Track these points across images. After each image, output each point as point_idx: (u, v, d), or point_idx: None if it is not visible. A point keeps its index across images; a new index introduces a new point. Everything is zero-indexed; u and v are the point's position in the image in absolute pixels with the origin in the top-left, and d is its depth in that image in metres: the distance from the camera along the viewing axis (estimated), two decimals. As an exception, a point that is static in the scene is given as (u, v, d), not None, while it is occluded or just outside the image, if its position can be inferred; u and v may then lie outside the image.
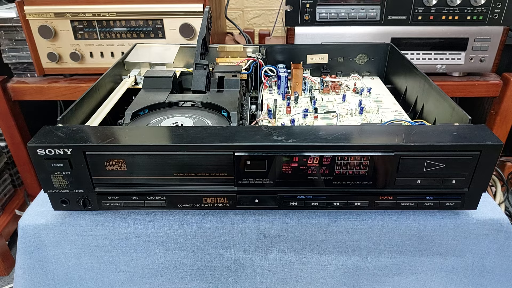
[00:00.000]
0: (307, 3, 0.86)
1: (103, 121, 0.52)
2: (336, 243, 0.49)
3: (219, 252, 0.49)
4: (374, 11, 0.87)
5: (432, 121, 0.54)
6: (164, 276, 0.51)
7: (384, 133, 0.43)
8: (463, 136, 0.41)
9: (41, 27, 0.86)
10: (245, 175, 0.43)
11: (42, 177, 0.43)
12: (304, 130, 0.43)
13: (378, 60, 0.73)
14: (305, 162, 0.42)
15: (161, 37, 0.88)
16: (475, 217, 0.47)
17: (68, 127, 0.43)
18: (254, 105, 0.63)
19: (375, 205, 0.45)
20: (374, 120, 0.57)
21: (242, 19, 1.44)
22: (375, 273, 0.51)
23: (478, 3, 0.84)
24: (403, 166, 0.42)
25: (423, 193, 0.44)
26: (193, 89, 0.60)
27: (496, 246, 0.49)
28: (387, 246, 0.49)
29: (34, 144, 0.40)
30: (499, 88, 0.93)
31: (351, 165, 0.42)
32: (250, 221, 0.48)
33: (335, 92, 0.67)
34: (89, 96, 0.53)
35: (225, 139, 0.41)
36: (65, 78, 0.96)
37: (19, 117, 1.00)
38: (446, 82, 0.93)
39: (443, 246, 0.49)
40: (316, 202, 0.45)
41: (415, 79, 0.60)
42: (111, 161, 0.41)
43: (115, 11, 0.85)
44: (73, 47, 0.90)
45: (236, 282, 0.52)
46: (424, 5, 0.86)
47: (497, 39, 0.89)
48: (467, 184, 0.43)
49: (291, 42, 0.90)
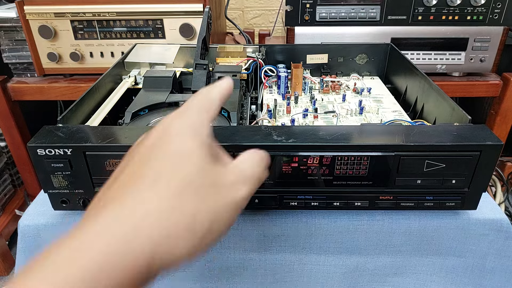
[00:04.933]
0: (307, 3, 0.86)
1: (103, 121, 0.52)
2: (336, 243, 0.49)
3: (219, 252, 0.49)
4: (374, 11, 0.87)
5: (432, 121, 0.54)
6: (164, 276, 0.51)
7: (384, 133, 0.43)
8: (463, 136, 0.41)
9: (41, 27, 0.86)
10: (245, 175, 0.43)
11: (42, 177, 0.42)
12: (304, 130, 0.43)
13: (378, 60, 0.73)
14: (305, 162, 0.42)
15: (161, 37, 0.88)
16: (475, 217, 0.47)
17: (68, 127, 0.43)
18: (254, 105, 0.63)
19: (375, 205, 0.45)
20: (374, 120, 0.57)
21: (242, 19, 1.44)
22: (375, 273, 0.51)
23: (478, 3, 0.84)
24: (403, 166, 0.42)
25: (423, 193, 0.44)
26: (193, 89, 0.60)
27: (496, 246, 0.49)
28: (387, 246, 0.49)
29: (34, 144, 0.40)
30: (499, 88, 0.93)
31: (351, 165, 0.42)
32: (250, 221, 0.48)
33: (335, 92, 0.67)
34: (89, 96, 0.53)
35: (225, 139, 0.41)
36: (65, 78, 0.96)
37: (19, 117, 1.00)
38: (446, 82, 0.93)
39: (443, 246, 0.49)
40: (316, 202, 0.45)
41: (415, 79, 0.60)
42: (111, 161, 0.41)
43: (115, 11, 0.85)
44: (73, 47, 0.90)
45: (236, 282, 0.52)
46: (424, 5, 0.86)
47: (497, 39, 0.89)
48: (467, 184, 0.43)
49: (291, 42, 0.90)
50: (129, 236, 0.20)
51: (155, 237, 0.21)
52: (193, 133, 0.25)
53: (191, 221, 0.22)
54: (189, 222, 0.22)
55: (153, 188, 0.22)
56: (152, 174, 0.23)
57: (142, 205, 0.21)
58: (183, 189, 0.22)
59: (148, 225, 0.21)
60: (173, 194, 0.22)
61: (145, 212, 0.21)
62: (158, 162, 0.23)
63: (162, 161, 0.23)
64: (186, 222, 0.22)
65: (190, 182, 0.23)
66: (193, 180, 0.23)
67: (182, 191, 0.22)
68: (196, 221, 0.22)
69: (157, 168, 0.23)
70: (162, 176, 0.23)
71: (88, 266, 0.19)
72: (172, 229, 0.21)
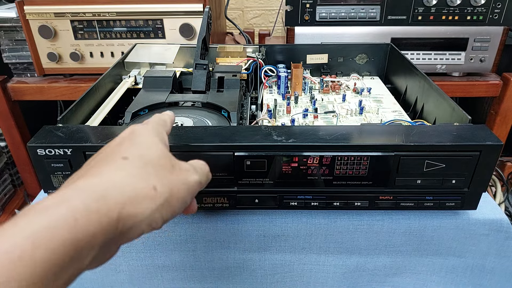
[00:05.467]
0: (307, 3, 0.86)
1: (103, 121, 0.52)
2: (336, 243, 0.49)
3: (219, 252, 0.49)
4: (374, 11, 0.87)
5: (432, 121, 0.54)
6: (164, 276, 0.51)
7: (384, 133, 0.43)
8: (463, 136, 0.41)
9: (41, 27, 0.86)
10: (245, 175, 0.43)
11: (42, 177, 0.42)
12: (304, 130, 0.43)
13: (378, 60, 0.73)
14: (305, 162, 0.42)
15: (161, 37, 0.88)
16: (475, 217, 0.47)
17: (68, 127, 0.43)
18: (254, 105, 0.63)
19: (375, 205, 0.45)
20: (374, 120, 0.57)
21: (242, 19, 1.44)
22: (375, 273, 0.51)
23: (478, 3, 0.84)
24: (403, 166, 0.42)
25: (423, 193, 0.44)
26: (193, 89, 0.60)
27: (496, 246, 0.49)
28: (387, 246, 0.49)
29: (34, 144, 0.40)
30: (499, 88, 0.93)
31: (351, 165, 0.42)
32: (250, 221, 0.48)
33: (335, 92, 0.67)
34: (89, 96, 0.53)
35: (225, 139, 0.41)
36: (65, 78, 0.96)
37: (19, 117, 1.00)
38: (446, 82, 0.93)
39: (443, 246, 0.49)
40: (316, 202, 0.45)
41: (415, 79, 0.60)
42: (111, 161, 0.41)
43: (115, 11, 0.85)
44: (73, 47, 0.90)
45: (236, 282, 0.52)
46: (424, 5, 0.86)
47: (497, 39, 0.89)
48: (467, 184, 0.43)
49: (291, 42, 0.90)
50: (104, 192, 0.25)
51: (125, 197, 0.25)
52: (155, 132, 0.32)
53: (151, 190, 0.27)
54: (150, 190, 0.27)
55: (122, 165, 0.28)
56: (121, 156, 0.28)
57: (114, 174, 0.27)
58: (146, 167, 0.28)
59: (120, 187, 0.26)
60: (138, 170, 0.28)
61: (117, 178, 0.26)
62: (126, 148, 0.29)
63: (130, 147, 0.29)
64: (148, 189, 0.27)
65: (152, 163, 0.29)
66: (155, 162, 0.29)
67: (145, 168, 0.28)
68: (156, 191, 0.27)
69: (125, 152, 0.29)
70: (129, 157, 0.28)
71: (74, 208, 0.23)
72: (138, 193, 0.26)
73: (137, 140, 0.30)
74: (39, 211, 0.22)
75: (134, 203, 0.26)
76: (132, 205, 0.26)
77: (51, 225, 0.21)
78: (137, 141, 0.30)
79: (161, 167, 0.29)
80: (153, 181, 0.27)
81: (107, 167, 0.27)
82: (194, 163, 0.33)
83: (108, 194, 0.25)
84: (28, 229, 0.21)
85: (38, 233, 0.21)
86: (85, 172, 0.28)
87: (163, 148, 0.31)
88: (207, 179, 0.34)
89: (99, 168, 0.27)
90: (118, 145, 0.30)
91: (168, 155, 0.31)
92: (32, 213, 0.22)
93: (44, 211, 0.22)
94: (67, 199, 0.23)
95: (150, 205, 0.27)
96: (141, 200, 0.26)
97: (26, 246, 0.20)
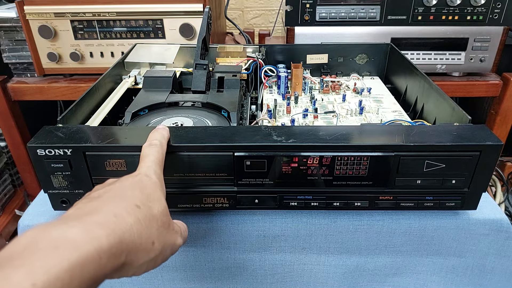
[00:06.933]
0: (307, 3, 0.86)
1: (103, 121, 0.52)
2: (336, 243, 0.49)
3: (219, 252, 0.49)
4: (374, 11, 0.87)
5: (432, 121, 0.54)
6: (164, 276, 0.51)
7: (384, 133, 0.43)
8: (463, 136, 0.41)
9: (41, 27, 0.86)
10: (245, 175, 0.43)
11: (42, 177, 0.43)
12: (304, 130, 0.43)
13: (378, 60, 0.73)
14: (305, 162, 0.42)
15: (161, 37, 0.88)
16: (475, 217, 0.47)
17: (68, 127, 0.43)
18: (254, 105, 0.63)
19: (375, 205, 0.45)
20: (374, 120, 0.57)
21: (242, 19, 1.44)
22: (375, 273, 0.51)
23: (478, 3, 0.84)
24: (403, 166, 0.42)
25: (423, 193, 0.44)
26: (193, 89, 0.60)
27: (496, 246, 0.49)
28: (387, 246, 0.49)
29: (34, 144, 0.40)
30: (499, 88, 0.93)
31: (351, 165, 0.42)
32: (250, 221, 0.48)
33: (335, 92, 0.67)
34: (89, 96, 0.53)
35: (225, 139, 0.41)
36: (65, 78, 0.96)
37: (19, 117, 1.00)
38: (446, 82, 0.93)
39: (443, 246, 0.49)
40: (316, 202, 0.45)
41: (415, 79, 0.60)
42: (111, 161, 0.41)
43: (115, 11, 0.85)
44: (73, 47, 0.90)
45: (236, 282, 0.52)
46: (424, 5, 0.86)
47: (497, 39, 0.89)
48: (467, 184, 0.43)
49: (291, 42, 0.90)
50: (122, 237, 0.27)
51: (132, 244, 0.28)
52: (160, 185, 0.35)
53: (150, 244, 0.30)
54: (149, 244, 0.30)
55: (135, 212, 0.30)
56: (134, 203, 0.30)
57: (128, 217, 0.29)
58: (151, 221, 0.31)
59: (131, 234, 0.28)
60: (146, 222, 0.30)
61: (130, 221, 0.28)
62: (137, 196, 0.31)
63: (141, 196, 0.32)
64: (148, 243, 0.30)
65: (156, 218, 0.31)
66: (158, 218, 0.32)
67: (151, 222, 0.31)
68: (153, 246, 0.30)
69: (137, 201, 0.31)
70: (141, 207, 0.31)
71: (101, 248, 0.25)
72: (142, 242, 0.29)
73: (146, 191, 0.33)
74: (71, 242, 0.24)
75: (136, 251, 0.28)
76: (133, 253, 0.28)
77: (81, 262, 0.23)
78: (146, 192, 0.32)
79: (162, 224, 0.32)
80: (154, 236, 0.30)
81: (122, 209, 0.29)
82: (181, 226, 0.37)
83: (125, 239, 0.27)
84: (65, 262, 0.23)
85: (75, 267, 0.23)
86: (101, 205, 0.29)
87: (165, 204, 0.34)
88: (184, 242, 0.38)
89: (115, 205, 0.29)
90: (131, 190, 0.32)
91: (167, 212, 0.34)
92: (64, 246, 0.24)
93: (75, 246, 0.24)
94: (95, 237, 0.25)
95: (144, 257, 0.30)
96: (141, 250, 0.29)
97: (66, 280, 0.22)
